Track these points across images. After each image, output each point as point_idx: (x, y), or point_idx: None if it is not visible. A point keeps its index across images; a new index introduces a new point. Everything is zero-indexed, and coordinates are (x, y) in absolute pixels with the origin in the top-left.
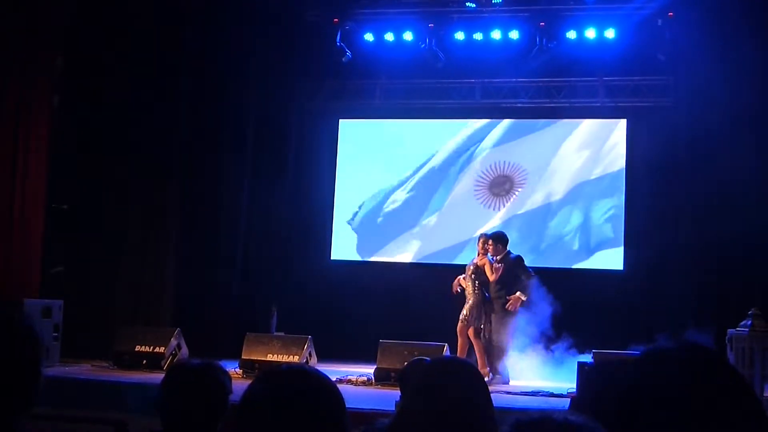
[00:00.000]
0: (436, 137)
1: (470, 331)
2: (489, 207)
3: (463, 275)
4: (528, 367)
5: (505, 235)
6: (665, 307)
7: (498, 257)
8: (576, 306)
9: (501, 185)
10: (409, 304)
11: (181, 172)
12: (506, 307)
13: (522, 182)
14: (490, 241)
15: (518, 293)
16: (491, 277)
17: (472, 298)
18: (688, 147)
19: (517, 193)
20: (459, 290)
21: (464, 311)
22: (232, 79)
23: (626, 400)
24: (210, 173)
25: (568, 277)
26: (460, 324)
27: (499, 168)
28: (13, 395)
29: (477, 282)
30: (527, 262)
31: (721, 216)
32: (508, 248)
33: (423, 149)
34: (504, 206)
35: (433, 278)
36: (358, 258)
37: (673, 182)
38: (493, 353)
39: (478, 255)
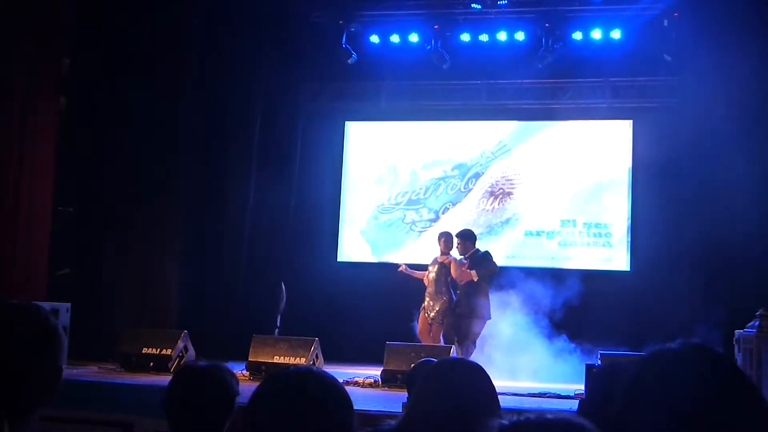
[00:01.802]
0: (442, 139)
1: (434, 330)
2: (493, 209)
3: (425, 273)
4: (535, 368)
5: (473, 232)
6: (672, 308)
7: (467, 255)
8: (582, 307)
9: (506, 187)
10: (415, 306)
11: (186, 174)
12: (454, 276)
13: (527, 183)
14: (458, 240)
15: (473, 272)
16: (455, 275)
17: (438, 298)
18: (694, 148)
19: (522, 194)
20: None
21: (431, 313)
22: (237, 80)
23: (631, 400)
24: (215, 175)
25: (574, 278)
26: (422, 324)
27: (505, 171)
28: (31, 390)
29: (444, 282)
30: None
31: (727, 216)
32: (476, 246)
33: (429, 151)
34: (509, 208)
35: None
36: (365, 260)
37: (679, 183)
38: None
39: (441, 254)
